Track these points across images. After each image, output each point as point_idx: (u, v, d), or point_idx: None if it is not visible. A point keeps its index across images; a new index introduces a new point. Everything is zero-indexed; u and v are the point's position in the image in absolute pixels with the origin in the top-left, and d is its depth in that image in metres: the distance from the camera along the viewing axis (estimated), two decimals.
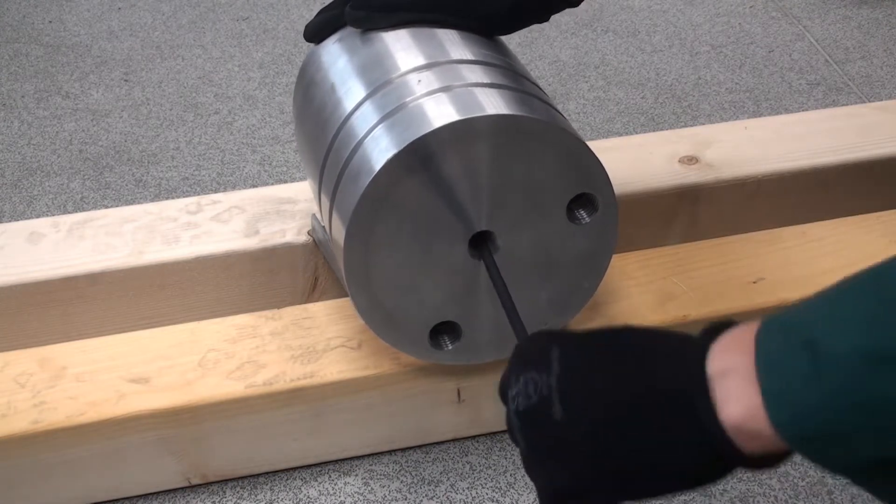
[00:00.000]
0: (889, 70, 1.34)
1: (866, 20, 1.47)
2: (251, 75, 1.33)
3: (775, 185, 0.88)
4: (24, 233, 0.81)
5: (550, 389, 0.46)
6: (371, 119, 0.62)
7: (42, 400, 0.70)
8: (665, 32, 1.44)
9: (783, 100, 1.27)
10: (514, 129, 0.60)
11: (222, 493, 0.76)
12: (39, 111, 1.26)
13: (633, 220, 0.83)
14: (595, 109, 1.26)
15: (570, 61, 1.36)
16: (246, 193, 0.85)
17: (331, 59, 0.70)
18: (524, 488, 0.76)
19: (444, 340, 0.69)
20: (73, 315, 0.78)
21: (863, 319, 0.38)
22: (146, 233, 0.80)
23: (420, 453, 0.79)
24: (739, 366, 0.41)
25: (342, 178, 0.62)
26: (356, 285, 0.64)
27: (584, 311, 0.73)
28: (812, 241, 0.83)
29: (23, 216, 1.07)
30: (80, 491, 0.73)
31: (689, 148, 0.90)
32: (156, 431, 0.71)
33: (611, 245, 0.68)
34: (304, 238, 0.80)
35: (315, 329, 0.76)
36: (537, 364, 0.48)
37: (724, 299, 0.78)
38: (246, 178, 1.13)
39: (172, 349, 0.74)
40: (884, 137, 0.92)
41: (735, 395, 0.41)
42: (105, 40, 1.42)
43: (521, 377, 0.48)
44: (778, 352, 0.40)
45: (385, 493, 0.76)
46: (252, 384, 0.71)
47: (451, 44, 0.66)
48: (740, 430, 0.41)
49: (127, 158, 1.16)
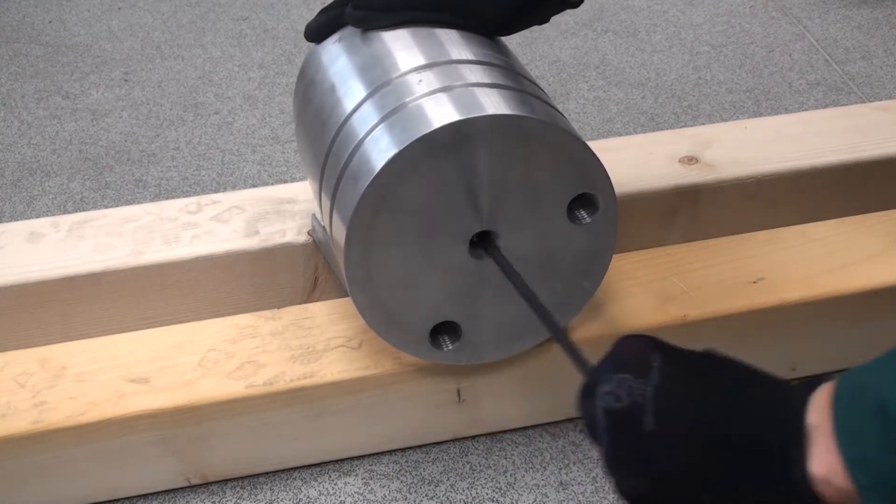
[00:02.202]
0: (889, 70, 1.34)
1: (866, 20, 1.47)
2: (251, 75, 1.33)
3: (775, 185, 0.88)
4: (24, 233, 0.81)
5: (645, 398, 0.47)
6: (371, 119, 0.62)
7: (42, 400, 0.70)
8: (665, 32, 1.44)
9: (783, 100, 1.27)
10: (515, 129, 0.60)
11: (222, 493, 0.76)
12: (39, 111, 1.26)
13: (633, 220, 0.83)
14: (595, 109, 1.26)
15: (570, 61, 1.36)
16: (246, 193, 0.85)
17: (331, 59, 0.70)
18: (524, 488, 0.76)
19: (444, 340, 0.69)
20: (73, 315, 0.78)
21: None
22: (146, 233, 0.80)
23: (420, 453, 0.79)
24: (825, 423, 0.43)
25: (342, 178, 0.62)
26: (357, 285, 0.64)
27: (585, 311, 0.73)
28: (812, 241, 0.83)
29: (23, 216, 1.07)
30: (80, 491, 0.73)
31: (689, 148, 0.90)
32: (156, 431, 0.71)
33: (611, 245, 0.68)
34: (304, 238, 0.80)
35: (315, 329, 0.76)
36: (635, 368, 0.48)
37: (724, 299, 0.78)
38: (246, 178, 1.13)
39: (172, 349, 0.74)
40: (884, 137, 0.92)
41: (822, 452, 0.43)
42: (105, 40, 1.42)
43: (615, 376, 0.48)
44: (852, 416, 0.41)
45: (385, 493, 0.76)
46: (252, 384, 0.71)
47: (451, 44, 0.66)
48: (826, 483, 0.43)
49: (127, 158, 1.16)
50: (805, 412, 0.44)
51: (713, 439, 0.45)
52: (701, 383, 0.47)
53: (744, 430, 0.45)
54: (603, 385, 0.48)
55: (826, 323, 0.80)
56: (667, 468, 0.46)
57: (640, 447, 0.47)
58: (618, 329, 0.75)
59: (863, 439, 0.41)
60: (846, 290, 0.78)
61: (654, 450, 0.46)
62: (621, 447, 0.48)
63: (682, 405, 0.46)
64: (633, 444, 0.47)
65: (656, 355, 0.49)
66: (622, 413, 0.47)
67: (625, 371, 0.48)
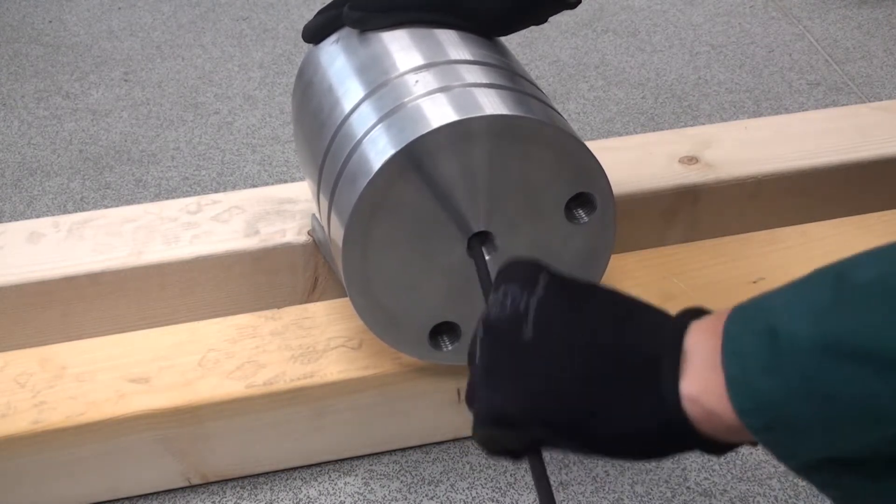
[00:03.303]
0: (889, 70, 1.34)
1: (866, 20, 1.47)
2: (251, 75, 1.33)
3: (775, 185, 0.88)
4: (24, 233, 0.81)
5: (528, 308, 0.46)
6: (369, 120, 0.62)
7: (42, 400, 0.70)
8: (665, 32, 1.44)
9: (783, 100, 1.27)
10: (512, 129, 0.60)
11: (222, 493, 0.76)
12: (39, 111, 1.26)
13: (633, 220, 0.83)
14: (595, 109, 1.26)
15: (570, 61, 1.36)
16: (246, 193, 0.85)
17: (329, 59, 0.70)
18: (524, 488, 0.76)
19: (443, 341, 0.69)
20: (73, 315, 0.78)
21: (819, 310, 0.38)
22: (146, 233, 0.80)
23: (420, 453, 0.79)
24: (710, 347, 0.42)
25: (340, 179, 0.63)
26: (355, 286, 0.64)
27: None
28: (812, 241, 0.83)
29: (23, 216, 1.07)
30: (80, 491, 0.73)
31: (689, 148, 0.90)
32: (156, 431, 0.71)
33: (609, 244, 0.68)
34: (304, 238, 0.80)
35: (315, 329, 0.76)
36: (522, 281, 0.48)
37: (724, 299, 0.77)
38: (246, 178, 1.13)
39: (172, 349, 0.74)
40: (884, 137, 0.92)
41: (700, 372, 0.42)
42: (105, 40, 1.42)
43: (502, 286, 0.48)
44: (741, 337, 0.40)
45: (385, 493, 0.76)
46: (252, 384, 0.71)
47: (448, 44, 0.66)
48: (697, 404, 0.42)
49: (127, 158, 1.16)
50: (685, 333, 0.44)
51: (591, 350, 0.44)
52: (584, 300, 0.47)
53: (621, 342, 0.44)
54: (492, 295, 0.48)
55: None
56: (541, 379, 0.45)
57: (516, 359, 0.46)
58: None
59: (747, 360, 0.40)
60: None
61: (527, 360, 0.45)
62: (494, 358, 0.47)
63: (562, 314, 0.46)
64: (510, 355, 0.46)
65: (545, 272, 0.48)
66: (502, 321, 0.46)
67: (512, 283, 0.48)
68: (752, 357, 0.39)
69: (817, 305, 0.38)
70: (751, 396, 0.39)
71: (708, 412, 0.41)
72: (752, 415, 0.40)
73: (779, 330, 0.39)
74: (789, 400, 0.38)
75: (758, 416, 0.39)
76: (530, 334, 0.45)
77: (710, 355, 0.41)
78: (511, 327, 0.46)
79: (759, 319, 0.40)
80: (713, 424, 0.42)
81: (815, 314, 0.38)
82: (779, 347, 0.38)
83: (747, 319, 0.41)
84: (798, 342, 0.38)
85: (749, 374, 0.39)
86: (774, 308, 0.40)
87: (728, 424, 0.41)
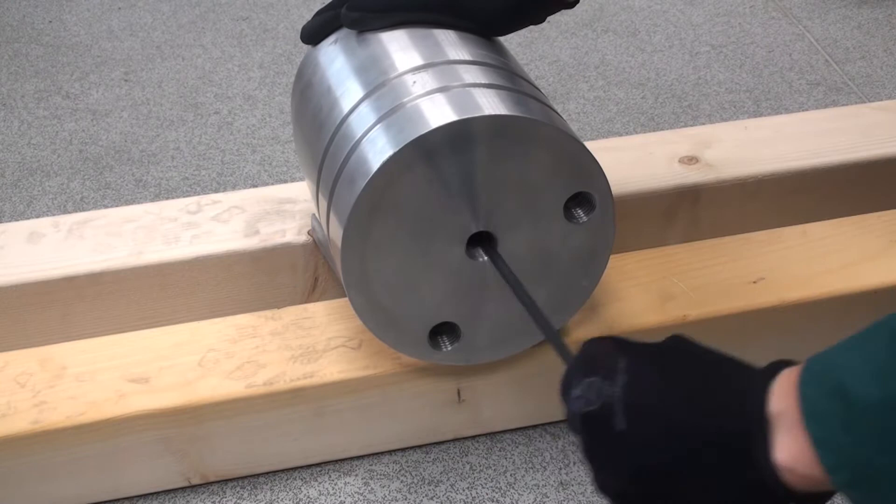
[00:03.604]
0: (889, 70, 1.34)
1: (866, 20, 1.47)
2: (251, 75, 1.33)
3: (775, 185, 0.88)
4: (24, 233, 0.81)
5: (614, 399, 0.49)
6: (368, 120, 0.62)
7: (42, 400, 0.70)
8: (665, 32, 1.44)
9: (783, 100, 1.27)
10: (511, 129, 0.60)
11: (222, 493, 0.76)
12: (39, 111, 1.26)
13: (633, 221, 0.83)
14: (595, 109, 1.26)
15: (570, 61, 1.36)
16: (246, 193, 0.85)
17: (327, 60, 0.70)
18: (524, 488, 0.76)
19: (443, 341, 0.69)
20: (73, 315, 0.78)
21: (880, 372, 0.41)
22: (146, 233, 0.80)
23: (420, 453, 0.79)
24: (791, 413, 0.44)
25: (339, 179, 0.63)
26: (354, 287, 0.64)
27: (584, 311, 0.73)
28: (812, 241, 0.83)
29: (23, 216, 1.07)
30: (80, 491, 0.73)
31: (689, 148, 0.90)
32: (156, 431, 0.71)
33: (609, 243, 0.68)
34: (304, 238, 0.80)
35: (315, 329, 0.76)
36: (603, 370, 0.50)
37: (724, 299, 0.78)
38: (246, 178, 1.13)
39: (172, 349, 0.74)
40: (884, 137, 0.92)
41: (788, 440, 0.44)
42: (105, 40, 1.42)
43: (585, 380, 0.50)
44: (818, 399, 0.43)
45: (385, 493, 0.76)
46: (252, 384, 0.71)
47: (447, 44, 0.66)
48: (792, 472, 0.44)
49: (127, 158, 1.16)
50: (767, 400, 0.46)
51: (680, 436, 0.47)
52: (665, 380, 0.49)
53: (710, 422, 0.47)
54: (574, 389, 0.50)
55: (826, 323, 0.80)
56: (639, 466, 0.48)
57: (613, 447, 0.49)
58: (617, 329, 0.75)
59: (827, 420, 0.42)
60: (846, 290, 0.78)
61: (627, 449, 0.48)
62: (596, 447, 0.50)
63: (649, 404, 0.48)
64: (607, 443, 0.49)
65: (621, 356, 0.51)
66: (593, 415, 0.49)
67: (593, 374, 0.50)
68: (831, 417, 0.42)
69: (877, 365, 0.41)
70: (835, 452, 0.42)
71: (801, 476, 0.44)
72: (839, 470, 0.42)
73: (849, 390, 0.41)
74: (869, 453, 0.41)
75: (844, 471, 0.42)
76: (622, 426, 0.48)
77: (794, 422, 0.44)
78: (603, 420, 0.49)
79: (829, 379, 0.43)
80: (806, 484, 0.44)
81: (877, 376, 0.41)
82: (852, 405, 0.41)
83: (819, 381, 0.44)
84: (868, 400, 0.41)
85: (830, 432, 0.42)
86: (839, 366, 0.43)
87: (820, 481, 0.43)
